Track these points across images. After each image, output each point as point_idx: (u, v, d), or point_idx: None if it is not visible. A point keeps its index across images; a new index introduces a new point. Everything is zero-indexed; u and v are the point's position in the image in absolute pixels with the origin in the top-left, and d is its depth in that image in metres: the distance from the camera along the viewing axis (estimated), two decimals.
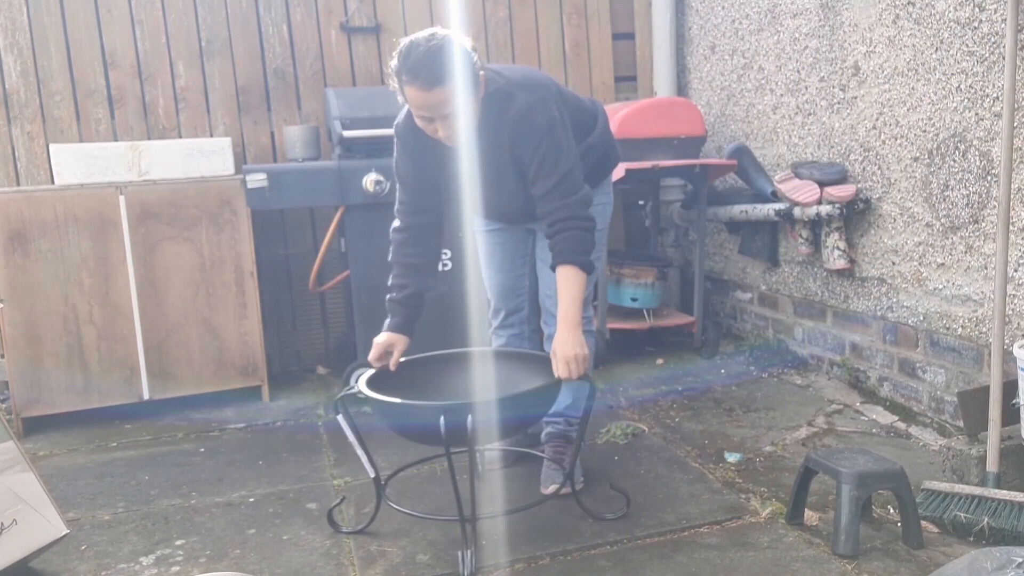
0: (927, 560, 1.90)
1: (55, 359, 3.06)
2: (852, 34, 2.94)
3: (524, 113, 2.02)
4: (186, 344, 3.21)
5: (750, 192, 3.49)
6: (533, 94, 2.04)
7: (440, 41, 1.91)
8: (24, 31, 3.42)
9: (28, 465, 2.03)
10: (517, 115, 2.02)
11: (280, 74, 3.72)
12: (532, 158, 2.03)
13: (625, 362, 3.62)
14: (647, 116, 3.46)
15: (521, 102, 2.02)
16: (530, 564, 1.97)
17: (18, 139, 3.46)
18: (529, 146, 2.03)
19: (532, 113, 2.02)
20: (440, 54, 1.90)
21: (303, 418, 3.15)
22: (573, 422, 2.44)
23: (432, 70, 1.89)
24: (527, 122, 2.02)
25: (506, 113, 2.03)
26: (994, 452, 2.12)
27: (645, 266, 3.67)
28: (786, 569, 1.90)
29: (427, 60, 1.89)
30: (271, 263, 3.69)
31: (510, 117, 2.02)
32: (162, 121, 3.60)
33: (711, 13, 3.85)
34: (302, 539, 2.15)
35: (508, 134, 2.05)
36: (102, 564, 2.06)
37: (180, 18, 3.58)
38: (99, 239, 3.07)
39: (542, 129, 2.01)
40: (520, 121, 2.02)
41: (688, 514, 2.19)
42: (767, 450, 2.62)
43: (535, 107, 2.02)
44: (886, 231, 2.87)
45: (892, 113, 2.79)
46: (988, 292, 2.47)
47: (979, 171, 2.46)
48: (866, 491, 1.95)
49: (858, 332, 3.07)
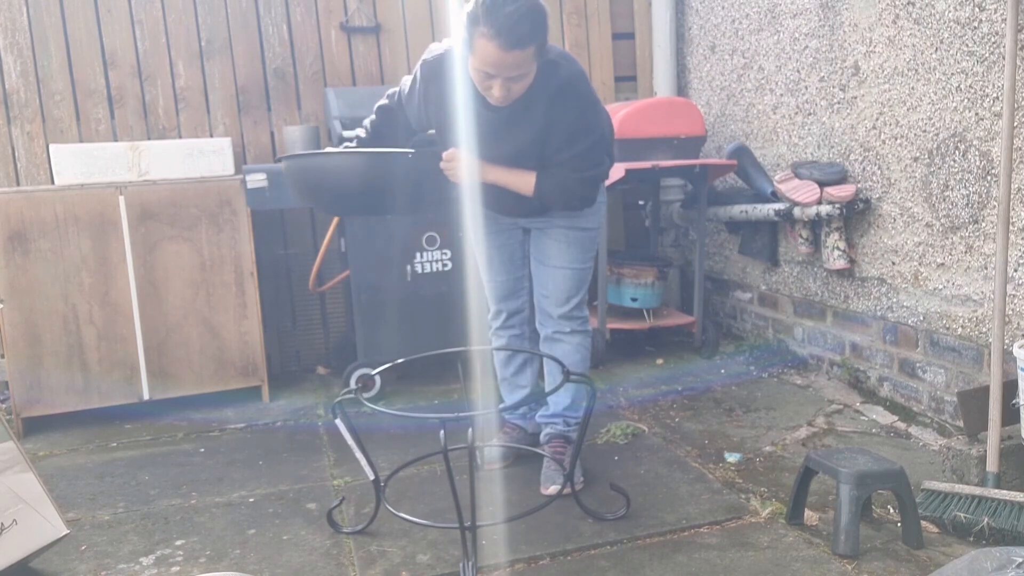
0: (927, 560, 1.90)
1: (55, 359, 3.06)
2: (852, 34, 2.94)
3: (570, 81, 2.03)
4: (186, 344, 3.21)
5: (750, 192, 3.49)
6: (574, 66, 2.07)
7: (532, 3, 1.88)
8: (24, 31, 3.42)
9: (28, 465, 2.03)
10: (563, 83, 2.02)
11: (280, 74, 3.72)
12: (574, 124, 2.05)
13: (625, 362, 3.62)
14: (647, 116, 3.46)
15: (565, 71, 2.03)
16: (530, 564, 1.97)
17: (18, 139, 3.46)
18: (570, 114, 2.04)
19: (577, 82, 2.04)
20: (530, 16, 1.86)
21: (303, 418, 3.15)
22: (571, 422, 2.44)
23: (519, 32, 1.84)
24: (573, 90, 2.04)
25: (550, 82, 2.02)
26: (994, 452, 2.12)
27: (645, 266, 3.67)
28: (786, 569, 1.90)
29: (516, 20, 1.83)
30: (271, 263, 3.69)
31: (555, 86, 2.02)
32: (162, 121, 3.60)
33: (711, 13, 3.85)
34: (302, 539, 2.15)
35: (547, 102, 2.04)
36: (102, 564, 2.06)
37: (180, 18, 3.58)
38: (99, 239, 3.07)
39: (587, 98, 2.06)
40: (566, 89, 2.03)
41: (688, 514, 2.19)
42: (767, 450, 2.62)
43: (579, 76, 2.06)
44: (886, 231, 2.87)
45: (892, 113, 2.79)
46: (988, 292, 2.47)
47: (979, 171, 2.46)
48: (866, 491, 1.95)
49: (858, 332, 3.07)
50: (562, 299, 2.31)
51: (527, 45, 1.86)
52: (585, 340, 2.38)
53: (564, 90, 2.02)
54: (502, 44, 1.84)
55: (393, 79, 3.82)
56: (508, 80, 1.93)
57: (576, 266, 2.30)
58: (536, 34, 1.88)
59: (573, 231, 2.27)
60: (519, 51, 1.86)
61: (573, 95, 2.04)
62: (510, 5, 1.83)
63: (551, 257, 2.30)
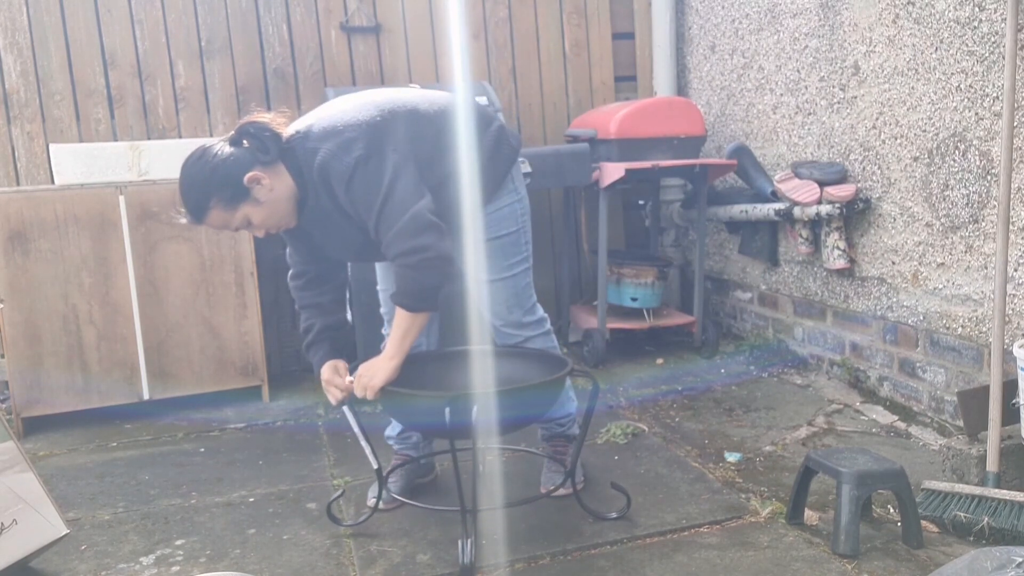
0: (927, 560, 1.90)
1: (55, 359, 3.06)
2: (852, 34, 2.94)
3: (320, 170, 1.91)
4: (186, 344, 3.21)
5: (750, 192, 3.49)
6: (332, 141, 1.91)
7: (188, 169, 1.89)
8: (24, 31, 3.42)
9: (28, 465, 2.03)
10: (317, 176, 1.92)
11: (280, 74, 3.72)
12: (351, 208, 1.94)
13: (625, 362, 3.62)
14: (647, 116, 3.46)
15: (316, 161, 1.91)
16: (530, 564, 1.97)
17: (18, 139, 3.46)
18: (341, 196, 1.93)
19: (326, 167, 1.90)
20: (191, 187, 1.89)
21: (303, 418, 3.15)
22: (565, 422, 2.37)
23: (190, 203, 1.90)
24: (323, 178, 1.92)
25: (308, 176, 1.94)
26: (994, 452, 2.12)
27: (645, 266, 3.67)
28: (786, 569, 1.90)
29: (183, 194, 1.90)
30: (271, 263, 3.69)
31: (314, 180, 1.93)
32: (162, 121, 3.60)
33: (711, 13, 3.85)
34: (302, 539, 2.15)
35: (323, 192, 1.95)
36: (102, 564, 2.06)
37: (180, 18, 3.58)
38: (99, 239, 3.07)
39: (343, 176, 1.89)
40: (320, 181, 1.92)
41: (688, 514, 2.19)
42: (767, 450, 2.62)
43: (328, 160, 1.89)
44: (886, 231, 2.87)
45: (892, 113, 2.79)
46: (988, 292, 2.47)
47: (979, 171, 2.46)
48: (866, 491, 1.95)
49: (858, 332, 3.07)
50: (502, 311, 2.22)
51: (205, 211, 1.90)
52: (548, 340, 2.30)
53: (320, 181, 1.93)
54: (190, 219, 1.92)
55: (393, 79, 3.82)
56: (243, 229, 1.97)
57: (503, 275, 2.19)
58: (206, 197, 1.88)
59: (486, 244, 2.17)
60: (206, 215, 1.90)
61: (324, 182, 1.93)
62: (181, 183, 1.90)
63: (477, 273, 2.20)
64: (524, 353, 2.23)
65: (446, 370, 2.23)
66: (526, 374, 2.14)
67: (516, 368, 2.18)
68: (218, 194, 1.88)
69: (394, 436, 2.36)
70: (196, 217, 1.91)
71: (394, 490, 2.28)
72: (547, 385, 2.00)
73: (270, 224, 1.97)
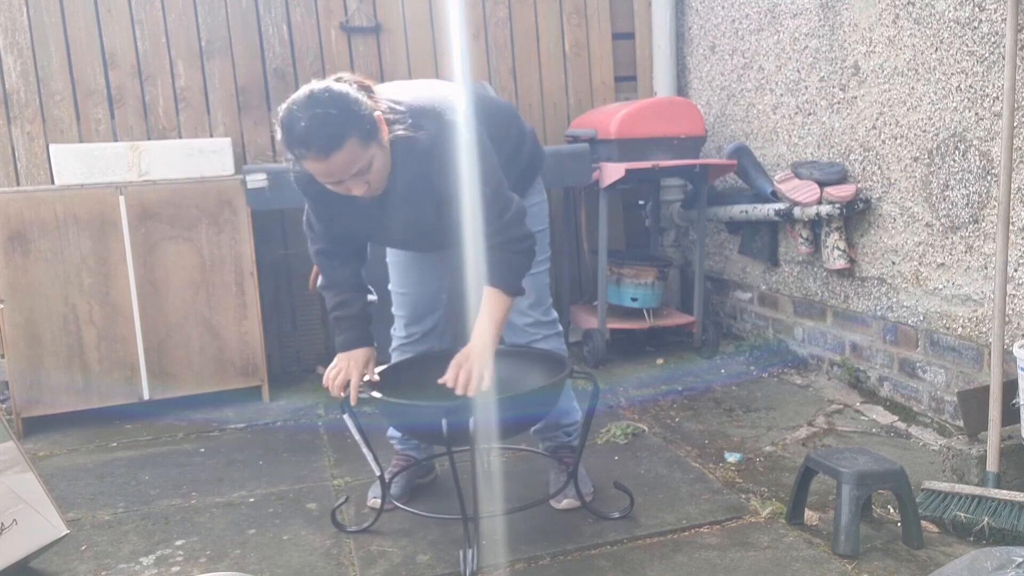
0: (927, 560, 1.90)
1: (55, 359, 3.06)
2: (852, 34, 2.94)
3: (434, 143, 1.86)
4: (186, 344, 3.21)
5: (750, 192, 3.49)
6: (439, 120, 1.88)
7: (320, 100, 1.75)
8: (24, 31, 3.42)
9: (28, 465, 2.03)
10: (428, 147, 1.87)
11: (280, 74, 3.72)
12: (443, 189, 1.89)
13: (625, 362, 3.62)
14: (647, 116, 3.46)
15: (426, 134, 1.87)
16: (530, 564, 1.97)
17: (18, 139, 3.46)
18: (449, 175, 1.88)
19: (442, 142, 1.87)
20: (325, 117, 1.74)
21: (303, 418, 3.15)
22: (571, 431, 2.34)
23: (323, 138, 1.73)
24: (440, 152, 1.87)
25: (415, 147, 1.88)
26: (994, 452, 2.12)
27: (645, 266, 3.67)
28: (786, 569, 1.90)
29: (314, 128, 1.73)
30: (271, 263, 3.69)
31: (419, 151, 1.86)
32: (162, 121, 3.60)
33: (711, 13, 3.85)
34: (302, 539, 2.15)
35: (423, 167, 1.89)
36: (102, 564, 2.06)
37: (180, 18, 3.58)
38: (99, 239, 3.07)
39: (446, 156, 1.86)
40: (433, 153, 1.87)
41: (688, 514, 2.19)
42: (767, 450, 2.62)
43: (442, 135, 1.87)
44: (886, 231, 2.87)
45: (892, 113, 2.79)
46: (988, 292, 2.47)
47: (979, 171, 2.46)
48: (866, 491, 1.95)
49: (858, 332, 3.07)
50: (524, 307, 2.21)
51: (341, 143, 1.75)
52: (558, 342, 2.30)
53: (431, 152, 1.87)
54: (316, 155, 1.76)
55: (393, 79, 3.78)
56: (355, 177, 1.82)
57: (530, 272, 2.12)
58: (344, 128, 1.75)
59: None
60: (338, 152, 1.75)
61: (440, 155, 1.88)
62: (301, 117, 1.75)
63: None
64: (527, 353, 2.23)
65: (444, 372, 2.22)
66: (527, 375, 2.14)
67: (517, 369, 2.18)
68: (358, 126, 1.76)
69: (396, 436, 2.36)
70: (326, 150, 1.74)
71: (394, 492, 2.28)
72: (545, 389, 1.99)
73: (384, 176, 1.87)
